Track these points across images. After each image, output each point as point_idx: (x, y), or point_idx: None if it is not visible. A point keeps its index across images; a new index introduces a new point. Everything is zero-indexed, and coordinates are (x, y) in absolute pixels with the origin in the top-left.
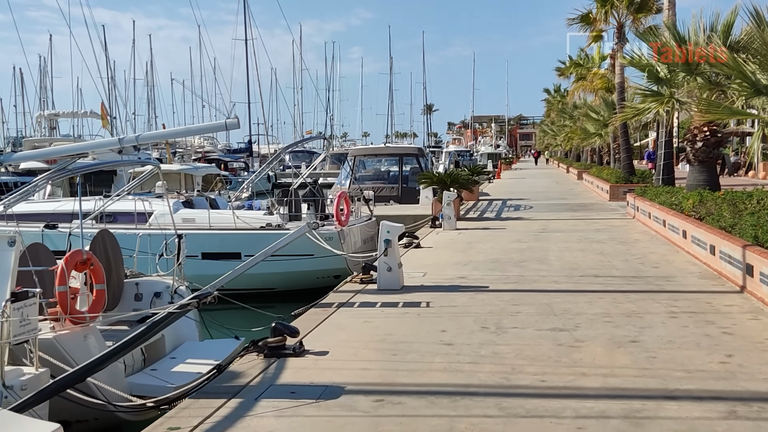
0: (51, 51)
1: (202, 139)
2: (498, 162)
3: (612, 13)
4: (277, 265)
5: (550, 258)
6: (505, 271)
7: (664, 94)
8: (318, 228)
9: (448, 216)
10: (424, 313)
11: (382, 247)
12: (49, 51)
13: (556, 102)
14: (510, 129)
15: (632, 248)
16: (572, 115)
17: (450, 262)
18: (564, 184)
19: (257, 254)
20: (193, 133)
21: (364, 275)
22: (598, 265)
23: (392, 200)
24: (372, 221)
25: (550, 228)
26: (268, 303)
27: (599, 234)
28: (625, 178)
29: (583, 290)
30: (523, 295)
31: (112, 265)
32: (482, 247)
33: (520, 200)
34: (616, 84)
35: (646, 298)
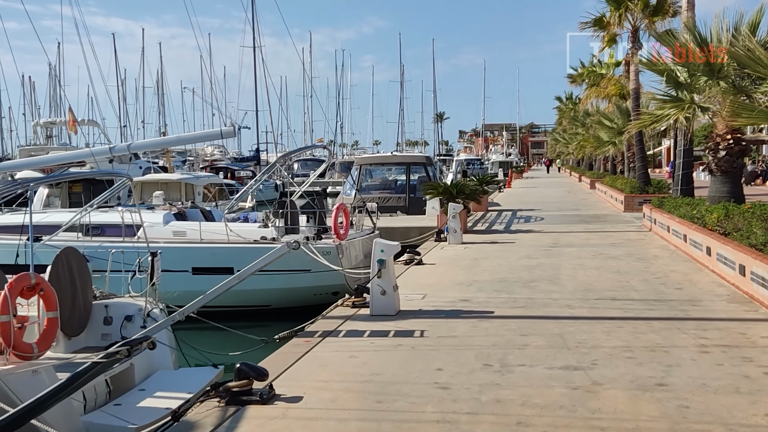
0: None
1: (213, 148)
2: (509, 170)
3: (626, 17)
4: (271, 280)
5: (562, 277)
6: (513, 293)
7: (684, 99)
8: (299, 247)
9: (453, 229)
10: (419, 346)
11: (376, 268)
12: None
13: (567, 110)
14: (521, 137)
15: (651, 266)
16: (584, 123)
17: (453, 281)
18: (576, 194)
19: (232, 276)
20: (186, 141)
21: (356, 298)
22: (615, 286)
23: (399, 211)
24: (375, 234)
25: (562, 242)
26: (262, 321)
27: (615, 249)
28: (640, 188)
29: (600, 317)
30: (532, 322)
31: (77, 286)
32: (489, 265)
33: (531, 211)
34: (630, 90)
35: (670, 327)
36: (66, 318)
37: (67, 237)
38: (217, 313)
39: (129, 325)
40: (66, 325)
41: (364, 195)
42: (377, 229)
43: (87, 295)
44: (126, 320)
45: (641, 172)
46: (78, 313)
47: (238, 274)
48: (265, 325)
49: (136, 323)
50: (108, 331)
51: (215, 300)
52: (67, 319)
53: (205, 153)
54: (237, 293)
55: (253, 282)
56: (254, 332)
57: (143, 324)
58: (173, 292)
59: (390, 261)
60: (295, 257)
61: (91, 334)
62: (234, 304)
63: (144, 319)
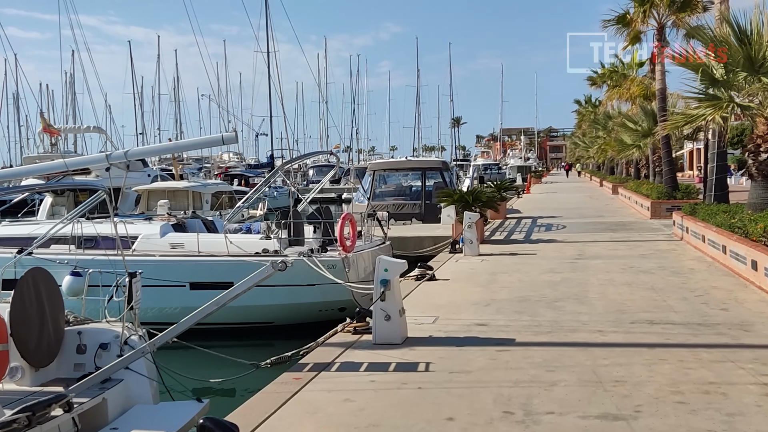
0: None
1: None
2: (527, 175)
3: (651, 13)
4: (274, 295)
5: (590, 295)
6: (536, 315)
7: (722, 97)
8: (285, 268)
9: (469, 240)
10: (427, 385)
11: (379, 290)
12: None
13: (587, 113)
14: (540, 141)
15: (689, 281)
16: (606, 126)
17: (468, 300)
18: (598, 200)
19: (211, 302)
20: (186, 147)
21: (358, 323)
22: (651, 306)
23: (414, 218)
24: (386, 245)
25: (587, 253)
26: (264, 339)
27: (646, 261)
28: (667, 193)
29: (637, 344)
30: (560, 353)
31: (46, 310)
32: (508, 280)
33: (552, 218)
34: (656, 90)
35: (723, 359)
36: (32, 347)
37: (59, 250)
38: (216, 331)
39: (104, 354)
40: (32, 355)
41: (377, 202)
42: (388, 239)
43: (57, 321)
44: (101, 348)
45: (669, 176)
46: (46, 341)
47: (218, 298)
48: (267, 343)
49: (112, 352)
50: (81, 361)
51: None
52: (34, 348)
53: (222, 160)
54: (237, 309)
55: (254, 297)
56: (253, 352)
57: (120, 353)
58: (171, 308)
59: (395, 281)
60: (298, 271)
61: (62, 364)
62: (234, 321)
63: (121, 347)
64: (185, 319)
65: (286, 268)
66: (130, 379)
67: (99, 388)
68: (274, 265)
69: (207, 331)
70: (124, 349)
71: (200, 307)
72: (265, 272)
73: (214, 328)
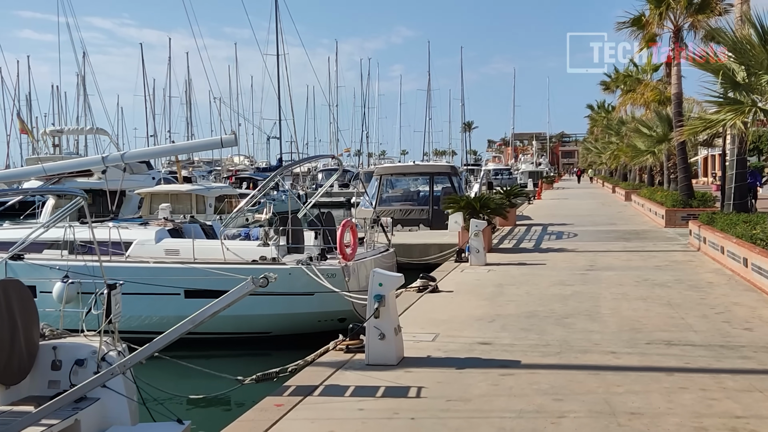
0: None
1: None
2: (539, 181)
3: (668, 15)
4: (271, 304)
5: (602, 311)
6: (544, 333)
7: (744, 101)
8: (267, 284)
9: (476, 249)
10: (421, 415)
11: (372, 306)
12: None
13: (600, 118)
14: (552, 147)
15: (708, 296)
16: (619, 132)
17: (472, 316)
18: (611, 206)
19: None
20: (184, 150)
21: (351, 341)
22: (669, 325)
23: (421, 224)
24: (390, 252)
25: (599, 264)
26: (261, 349)
27: (661, 273)
28: (683, 201)
29: (654, 368)
30: (569, 377)
31: (18, 324)
32: (515, 293)
33: (563, 225)
34: (672, 95)
35: (749, 388)
36: (2, 364)
37: (51, 255)
38: (212, 340)
39: (81, 371)
40: (1, 372)
41: (384, 207)
42: (393, 246)
43: (31, 335)
44: (77, 365)
45: (684, 183)
46: (18, 357)
47: (193, 316)
48: (264, 353)
49: (88, 368)
50: (56, 378)
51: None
52: (4, 364)
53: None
54: (233, 319)
55: (250, 306)
56: (248, 363)
57: (97, 369)
58: (165, 316)
59: (391, 297)
60: (296, 279)
61: (36, 380)
62: (230, 331)
63: (98, 363)
64: (163, 335)
65: (267, 284)
66: (107, 398)
67: (72, 408)
68: (254, 281)
69: (202, 341)
70: (101, 365)
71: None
72: (244, 288)
73: (210, 338)
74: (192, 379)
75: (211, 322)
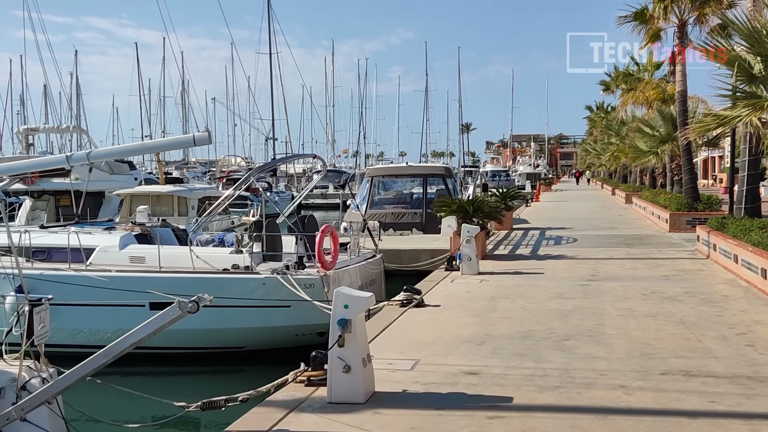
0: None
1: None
2: (537, 183)
3: (672, 9)
4: (244, 317)
5: (607, 331)
6: (541, 360)
7: (762, 96)
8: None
9: (467, 256)
10: None
11: (336, 333)
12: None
13: (599, 119)
14: (550, 148)
15: (725, 312)
16: (619, 132)
17: (459, 336)
18: (611, 209)
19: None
20: (154, 148)
21: (313, 371)
22: (684, 349)
23: (414, 228)
24: (377, 259)
25: (601, 273)
26: (233, 365)
27: (670, 284)
28: (688, 204)
29: (673, 411)
30: (571, 421)
31: None
32: (509, 308)
33: (562, 229)
34: (676, 92)
35: None
36: None
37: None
38: (181, 356)
39: None
40: None
41: (375, 210)
42: (381, 251)
43: None
44: None
45: (689, 186)
46: None
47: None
48: (237, 369)
49: (7, 398)
50: None
51: (178, 340)
52: None
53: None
54: (203, 333)
55: (222, 319)
56: (219, 381)
57: (15, 399)
58: (129, 330)
59: (359, 321)
60: (272, 289)
61: None
62: (201, 346)
63: (17, 392)
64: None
65: (198, 309)
66: None
67: None
68: (181, 306)
69: (170, 356)
70: (21, 395)
71: None
72: (169, 315)
73: (179, 353)
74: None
75: (180, 336)
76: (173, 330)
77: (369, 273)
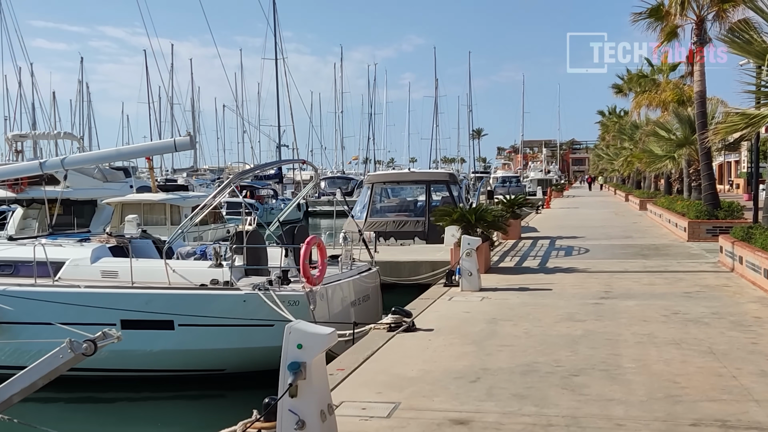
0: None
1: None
2: (548, 189)
3: (690, 5)
4: (223, 337)
5: (624, 364)
6: (545, 404)
7: None
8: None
9: (467, 271)
10: None
11: (286, 380)
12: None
13: (612, 123)
14: (562, 154)
15: (760, 339)
16: (632, 137)
17: (451, 370)
18: (624, 216)
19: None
20: (131, 155)
21: (265, 423)
22: (717, 389)
23: (417, 237)
24: (372, 272)
25: (616, 289)
26: (215, 389)
27: (693, 303)
28: (707, 211)
29: None
30: None
31: None
32: (511, 333)
33: (573, 239)
34: (695, 93)
35: None
36: None
37: None
38: (158, 378)
39: None
40: None
41: (376, 218)
42: (377, 263)
43: None
44: None
45: (709, 192)
46: None
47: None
48: (217, 395)
49: None
50: None
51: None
52: None
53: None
54: (180, 354)
55: (200, 339)
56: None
57: None
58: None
59: (316, 364)
60: (254, 307)
61: None
62: (179, 368)
63: None
64: None
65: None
66: None
67: None
68: (74, 348)
69: (146, 379)
70: None
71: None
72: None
73: (155, 376)
74: None
75: (154, 357)
76: (146, 351)
77: (364, 287)
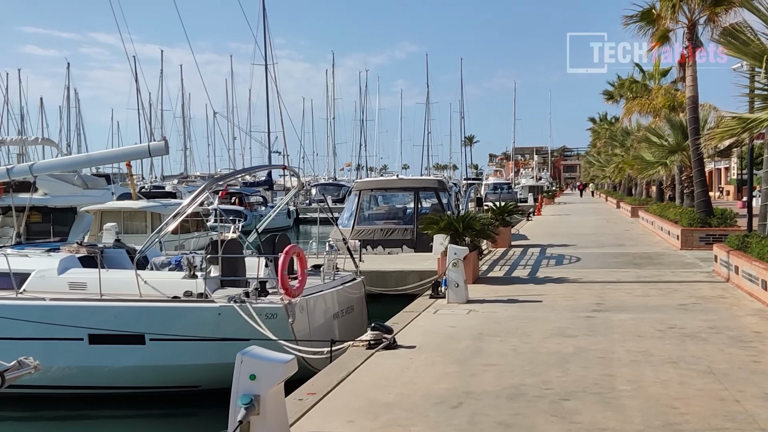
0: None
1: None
2: (539, 195)
3: (681, 9)
4: (197, 353)
5: (618, 386)
6: None
7: None
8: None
9: (454, 282)
10: None
11: (236, 417)
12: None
13: (603, 130)
14: (553, 161)
15: (762, 357)
16: (624, 143)
17: (431, 394)
18: (616, 223)
19: None
20: (102, 160)
21: None
22: (719, 414)
23: (405, 246)
24: (357, 282)
25: (608, 301)
26: (189, 407)
27: (689, 317)
28: (701, 219)
29: None
30: None
31: None
32: (498, 351)
33: (564, 247)
34: (687, 98)
35: None
36: None
37: None
38: (128, 396)
39: None
40: None
41: (363, 226)
42: (362, 273)
43: None
44: None
45: (701, 199)
46: None
47: None
48: (191, 413)
49: None
50: None
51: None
52: None
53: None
54: (153, 370)
55: (173, 354)
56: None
57: None
58: (65, 367)
59: (272, 396)
60: (229, 320)
61: None
62: (151, 385)
63: None
64: None
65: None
66: None
67: None
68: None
69: (115, 397)
70: None
71: (104, 365)
72: None
73: (124, 393)
74: None
75: (126, 374)
76: (116, 367)
77: (347, 298)
